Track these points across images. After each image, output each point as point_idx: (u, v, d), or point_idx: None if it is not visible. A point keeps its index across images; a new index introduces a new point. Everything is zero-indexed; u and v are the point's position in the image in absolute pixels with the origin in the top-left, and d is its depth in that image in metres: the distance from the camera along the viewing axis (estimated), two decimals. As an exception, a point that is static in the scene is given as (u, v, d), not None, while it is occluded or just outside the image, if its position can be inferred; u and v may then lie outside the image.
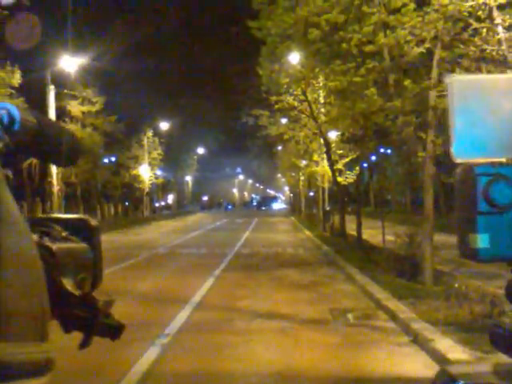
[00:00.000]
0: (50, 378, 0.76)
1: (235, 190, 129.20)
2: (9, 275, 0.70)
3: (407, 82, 8.68)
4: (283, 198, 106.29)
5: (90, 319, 1.01)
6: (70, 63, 22.09)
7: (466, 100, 1.47)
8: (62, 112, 28.91)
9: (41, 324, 0.75)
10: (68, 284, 0.92)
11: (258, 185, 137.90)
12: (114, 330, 1.15)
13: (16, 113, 0.95)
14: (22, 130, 0.95)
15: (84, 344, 1.06)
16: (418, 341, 5.79)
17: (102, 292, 1.08)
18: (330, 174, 20.64)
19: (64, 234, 1.00)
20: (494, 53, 8.12)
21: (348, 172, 20.88)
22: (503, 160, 1.44)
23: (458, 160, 1.46)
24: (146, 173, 44.78)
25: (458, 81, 1.55)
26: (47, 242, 0.93)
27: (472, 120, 1.46)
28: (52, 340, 0.80)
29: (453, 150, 1.45)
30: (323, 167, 22.79)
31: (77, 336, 1.02)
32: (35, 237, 0.91)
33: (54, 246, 0.92)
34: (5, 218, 0.73)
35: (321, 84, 16.24)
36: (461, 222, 1.49)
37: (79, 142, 1.23)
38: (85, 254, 1.01)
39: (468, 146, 1.45)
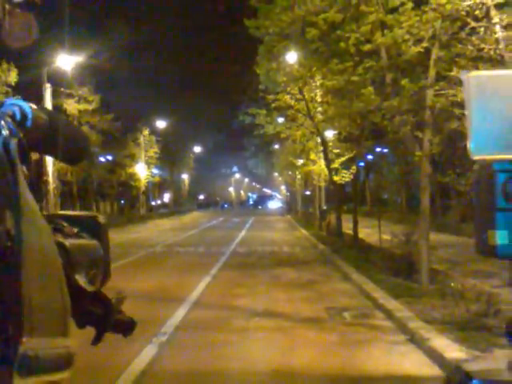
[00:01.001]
0: (70, 373, 0.76)
1: (232, 189, 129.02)
2: (31, 271, 0.70)
3: (404, 81, 8.68)
4: (280, 197, 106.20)
5: (104, 315, 1.01)
6: (66, 61, 21.99)
7: (483, 96, 1.42)
8: (58, 110, 28.83)
9: (63, 320, 0.76)
10: (81, 280, 0.91)
11: (254, 183, 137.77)
12: (127, 327, 1.16)
13: (28, 109, 0.95)
14: (34, 126, 0.94)
15: (97, 340, 1.06)
16: (414, 339, 5.81)
17: (110, 289, 1.08)
18: (326, 172, 20.64)
19: (75, 230, 0.99)
20: (492, 52, 8.13)
21: (344, 171, 20.88)
22: None
23: (476, 157, 1.42)
24: (143, 171, 44.72)
25: (474, 77, 1.51)
26: (60, 238, 0.92)
27: (489, 116, 1.42)
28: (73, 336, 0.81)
29: (470, 146, 1.42)
30: (320, 166, 22.77)
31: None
32: None
33: (67, 243, 0.91)
34: (26, 215, 0.72)
35: (318, 83, 16.22)
36: (479, 219, 1.46)
37: (89, 140, 1.23)
38: (96, 250, 1.00)
39: (486, 142, 1.41)
